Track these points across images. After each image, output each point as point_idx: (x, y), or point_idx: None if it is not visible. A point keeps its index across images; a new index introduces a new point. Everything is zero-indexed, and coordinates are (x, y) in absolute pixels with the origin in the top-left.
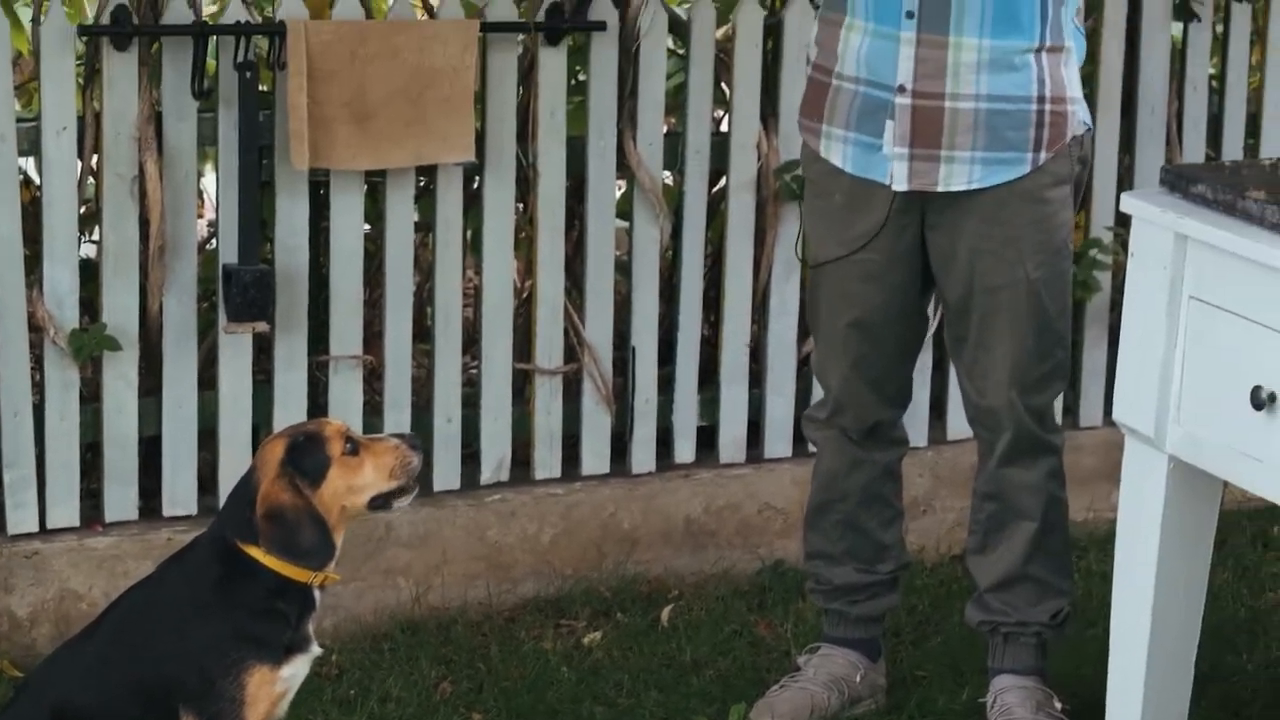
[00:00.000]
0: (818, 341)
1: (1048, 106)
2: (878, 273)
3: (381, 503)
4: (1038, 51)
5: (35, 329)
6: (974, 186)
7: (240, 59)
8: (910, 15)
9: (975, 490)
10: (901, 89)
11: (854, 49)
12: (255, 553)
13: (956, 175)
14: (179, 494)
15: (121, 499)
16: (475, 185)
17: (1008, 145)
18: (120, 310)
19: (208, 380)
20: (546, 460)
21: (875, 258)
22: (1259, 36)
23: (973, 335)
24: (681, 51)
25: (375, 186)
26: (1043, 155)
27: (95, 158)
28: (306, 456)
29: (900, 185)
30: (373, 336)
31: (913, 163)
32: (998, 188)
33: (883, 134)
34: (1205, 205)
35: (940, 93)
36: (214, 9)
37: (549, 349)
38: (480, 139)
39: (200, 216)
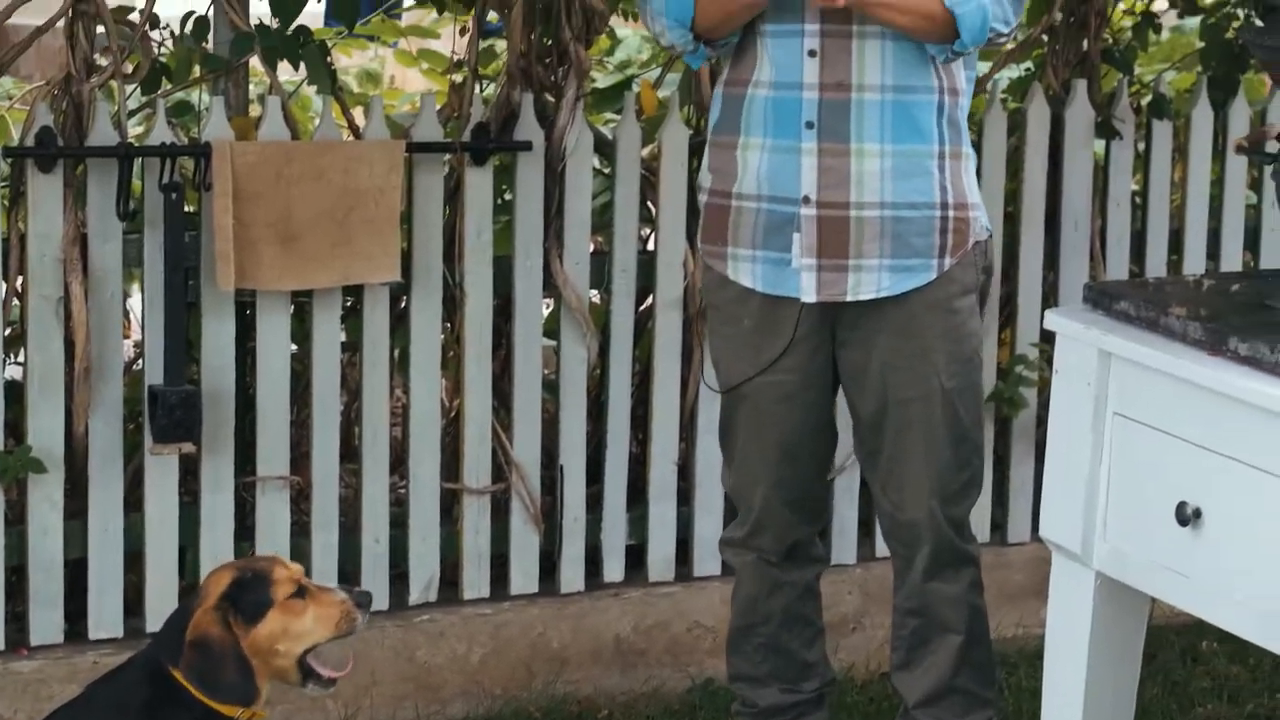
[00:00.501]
0: (733, 464)
1: (951, 212)
2: (793, 392)
3: (309, 671)
4: (939, 156)
5: None
6: (883, 295)
7: (165, 180)
8: (810, 125)
9: (896, 606)
10: (806, 200)
11: (753, 167)
12: (183, 678)
13: (865, 284)
14: (105, 617)
15: (47, 622)
16: (402, 305)
17: (914, 252)
18: (45, 432)
19: (134, 502)
20: (475, 580)
21: (789, 378)
22: (1180, 153)
23: (888, 448)
24: (607, 171)
25: (302, 306)
26: (948, 261)
27: (20, 279)
28: (248, 594)
29: (809, 297)
30: (300, 456)
31: (820, 274)
32: (908, 299)
33: (791, 248)
34: (1128, 322)
35: (845, 201)
36: (139, 130)
37: (477, 468)
38: (406, 259)
39: (126, 337)
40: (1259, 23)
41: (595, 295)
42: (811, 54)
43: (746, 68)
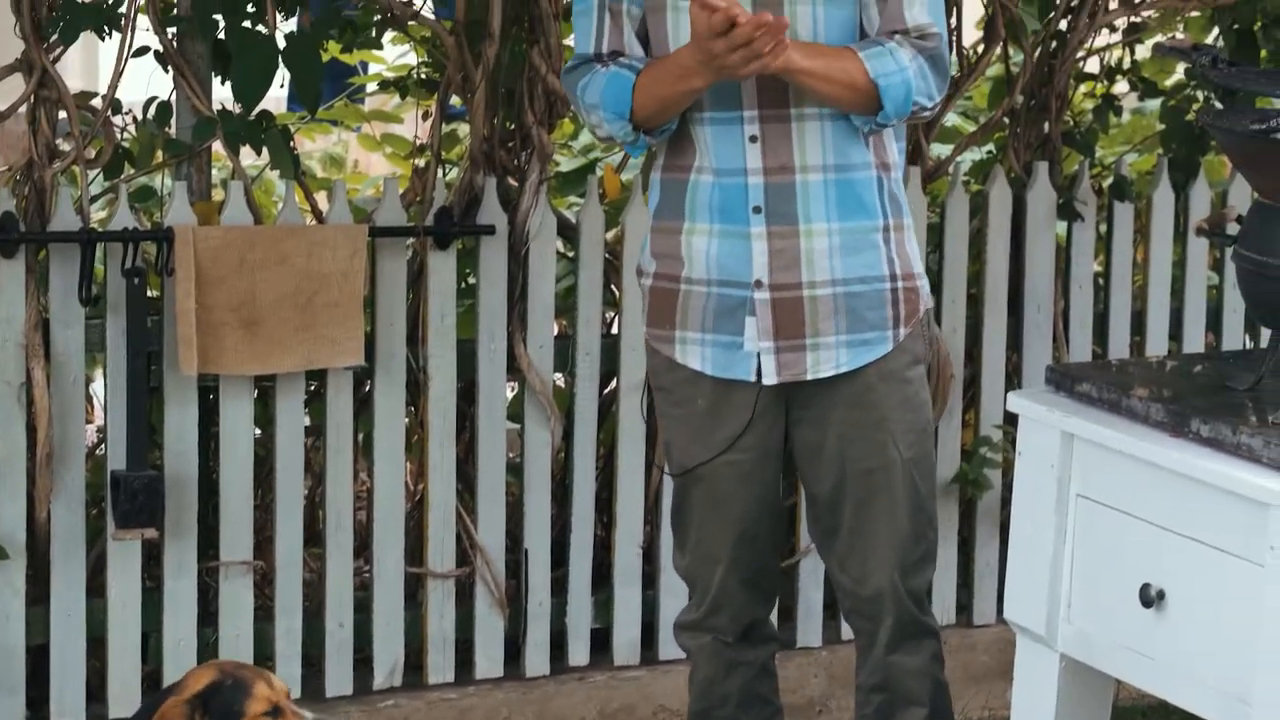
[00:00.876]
0: (687, 546)
1: (900, 284)
2: (750, 471)
3: None
4: (884, 230)
5: None
6: (842, 370)
7: (128, 265)
8: (758, 210)
9: (860, 685)
10: (759, 284)
11: (701, 251)
12: None
13: (824, 362)
14: (68, 703)
15: (9, 708)
16: (366, 389)
17: (869, 325)
18: (7, 518)
19: (96, 587)
20: (439, 664)
21: (747, 456)
22: (1141, 235)
23: (847, 522)
24: (571, 254)
25: (265, 391)
26: (902, 331)
27: None
28: (223, 698)
29: (770, 379)
30: (264, 541)
31: (779, 355)
32: (863, 372)
33: (743, 332)
34: (1091, 404)
35: (797, 282)
36: (102, 215)
37: (441, 552)
38: (370, 343)
39: (89, 422)
40: (1218, 105)
41: (559, 379)
42: (753, 139)
43: (687, 154)
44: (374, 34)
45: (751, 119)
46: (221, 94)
